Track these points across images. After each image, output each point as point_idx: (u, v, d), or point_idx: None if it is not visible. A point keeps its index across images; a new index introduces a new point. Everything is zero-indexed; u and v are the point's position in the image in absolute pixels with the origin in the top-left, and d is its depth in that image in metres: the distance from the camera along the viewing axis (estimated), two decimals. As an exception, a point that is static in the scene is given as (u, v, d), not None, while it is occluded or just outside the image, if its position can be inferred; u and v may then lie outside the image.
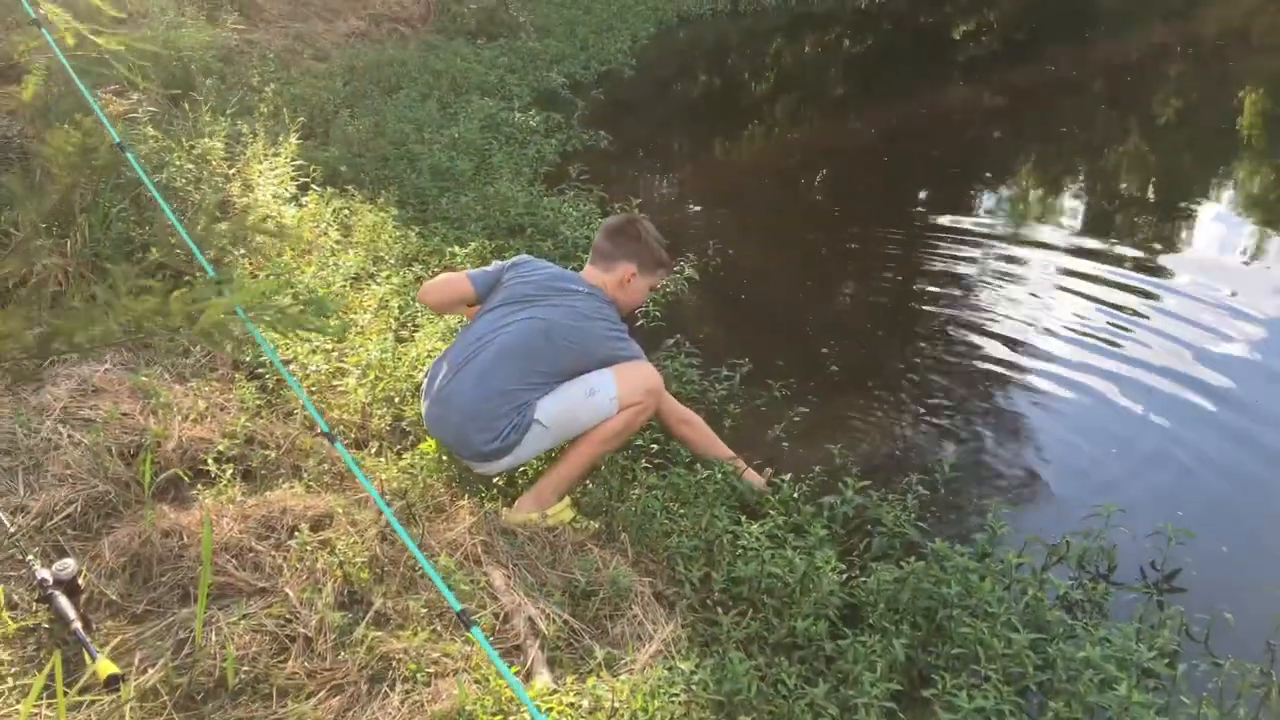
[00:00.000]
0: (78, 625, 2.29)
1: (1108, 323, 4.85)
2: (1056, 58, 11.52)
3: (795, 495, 3.19)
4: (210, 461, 2.95)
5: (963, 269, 5.56)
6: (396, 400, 3.51)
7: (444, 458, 3.23)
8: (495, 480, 3.28)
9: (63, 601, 2.33)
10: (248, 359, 3.66)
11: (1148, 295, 5.16)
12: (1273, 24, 13.12)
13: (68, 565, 2.40)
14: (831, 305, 5.15)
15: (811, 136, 8.95)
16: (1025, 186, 7.28)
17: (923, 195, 6.93)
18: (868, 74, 11.55)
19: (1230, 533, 3.33)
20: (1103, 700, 2.31)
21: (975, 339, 4.71)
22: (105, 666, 2.18)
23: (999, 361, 4.49)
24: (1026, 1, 15.23)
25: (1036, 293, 5.28)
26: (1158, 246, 5.90)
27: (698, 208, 6.62)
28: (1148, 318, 4.90)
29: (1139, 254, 5.76)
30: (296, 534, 2.63)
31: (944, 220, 6.33)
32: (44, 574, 2.37)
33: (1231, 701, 2.49)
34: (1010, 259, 5.76)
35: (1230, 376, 4.33)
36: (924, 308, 5.10)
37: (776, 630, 2.64)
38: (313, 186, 5.25)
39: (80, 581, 2.43)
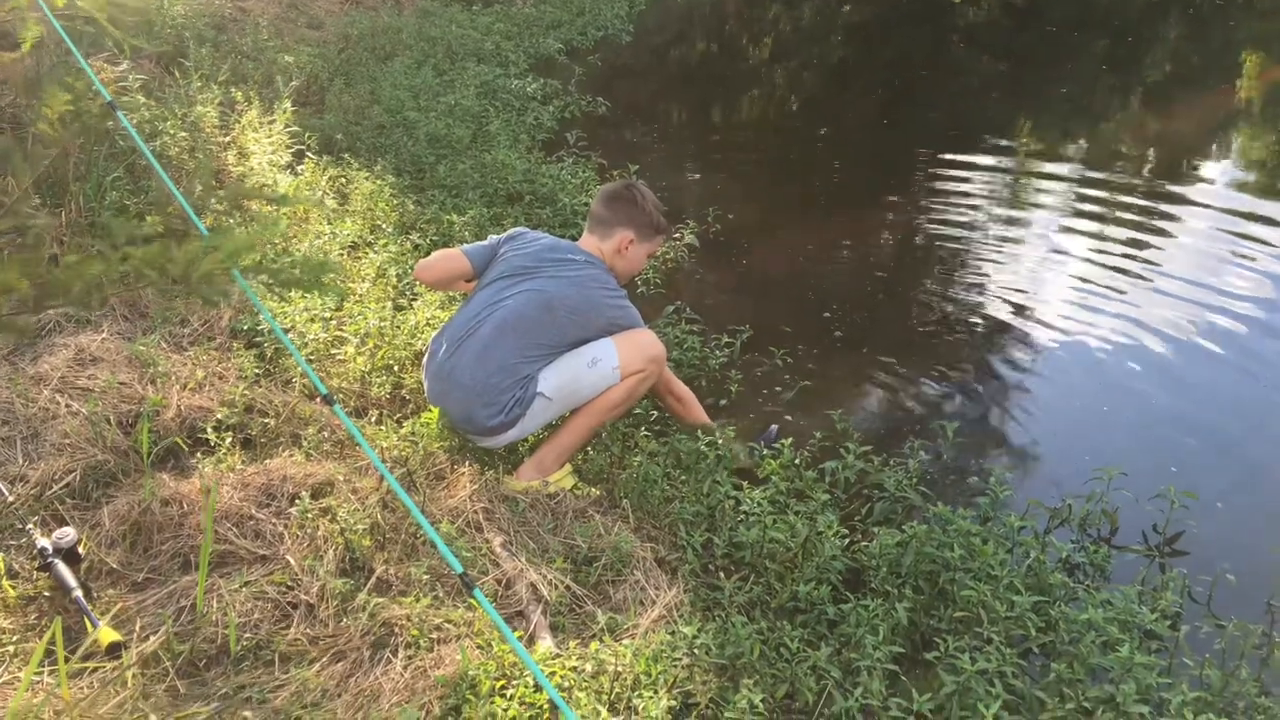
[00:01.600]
0: (78, 593, 2.28)
1: (1107, 284, 4.84)
2: (1056, 19, 11.43)
3: (797, 460, 3.18)
4: (209, 430, 2.93)
5: (963, 232, 5.54)
6: (396, 368, 3.49)
7: (444, 426, 3.21)
8: (496, 449, 3.27)
9: (63, 570, 2.33)
10: (245, 328, 3.64)
11: (1146, 257, 5.16)
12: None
13: (67, 534, 2.40)
14: (832, 270, 5.12)
15: (810, 101, 8.88)
16: (1024, 149, 7.24)
17: (922, 159, 6.88)
18: (867, 39, 11.46)
19: (1231, 493, 3.32)
20: (1105, 662, 2.31)
21: (976, 301, 4.70)
22: (106, 634, 2.18)
23: (1000, 324, 4.48)
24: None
25: (1036, 254, 5.28)
26: (1155, 208, 5.87)
27: (697, 174, 6.58)
28: (1147, 279, 4.91)
29: (1137, 215, 5.74)
30: (297, 501, 2.62)
31: (944, 183, 6.30)
32: (44, 542, 2.36)
33: (1234, 662, 2.49)
34: (1010, 221, 5.74)
35: (1230, 336, 4.34)
36: (925, 271, 5.09)
37: (779, 595, 2.64)
38: (308, 154, 5.20)
39: (80, 550, 2.43)
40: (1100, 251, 5.24)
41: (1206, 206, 5.88)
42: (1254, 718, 2.27)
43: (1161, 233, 5.49)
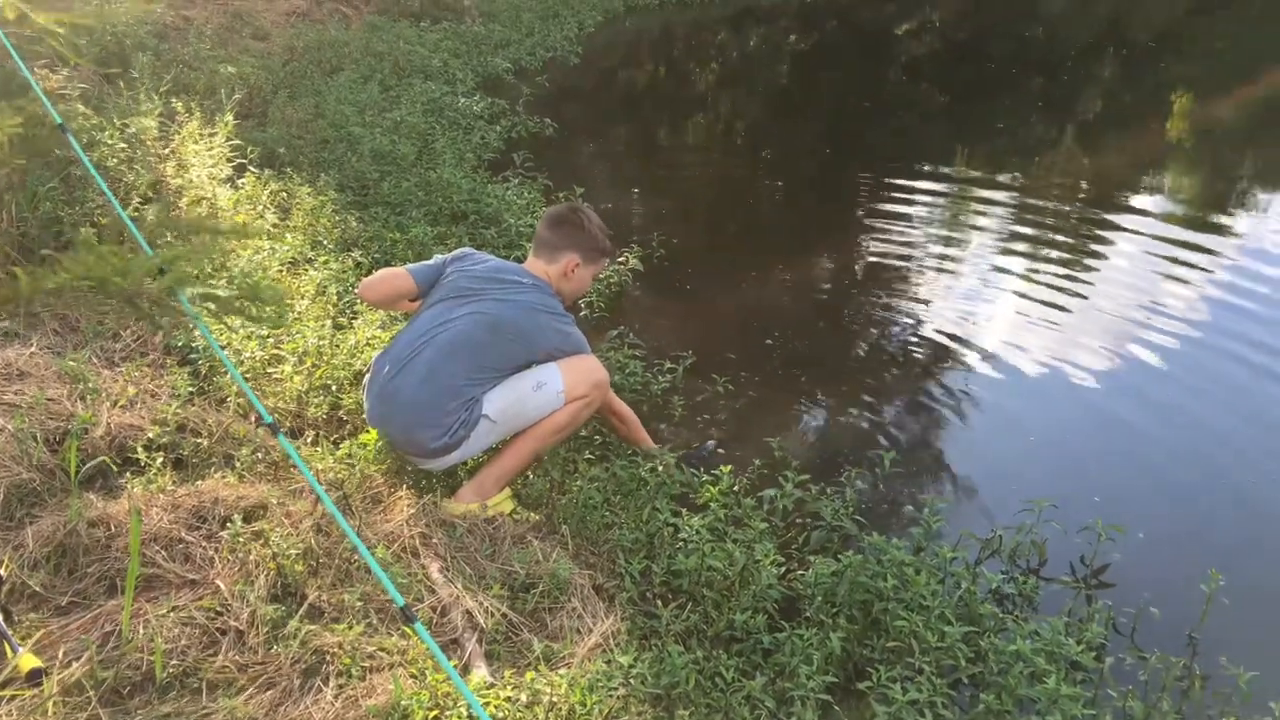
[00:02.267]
0: (-2, 618, 2.22)
1: (1040, 313, 4.97)
2: (995, 56, 11.71)
3: (736, 488, 3.20)
4: (140, 449, 2.87)
5: (902, 260, 5.64)
6: (334, 388, 3.45)
7: (383, 448, 3.18)
8: (434, 471, 3.24)
9: (-18, 593, 2.26)
10: (180, 344, 3.58)
11: (1077, 288, 5.29)
12: (1205, 28, 13.45)
13: (-12, 556, 2.33)
14: (774, 296, 5.17)
15: (755, 128, 8.99)
16: (963, 179, 7.37)
17: (864, 187, 7.00)
18: (812, 67, 11.63)
19: (1152, 522, 3.40)
20: (1033, 693, 2.36)
21: (914, 329, 4.79)
22: (27, 660, 2.12)
23: (936, 352, 4.56)
24: (968, 1, 15.45)
25: (973, 282, 5.39)
26: (1087, 240, 6.04)
27: (642, 197, 6.61)
28: (1078, 308, 5.04)
29: (1070, 246, 5.91)
30: (229, 525, 2.58)
31: (884, 212, 6.41)
32: (-37, 565, 2.29)
33: (1156, 694, 2.55)
34: (948, 250, 5.86)
35: (1155, 366, 4.47)
36: (864, 298, 5.17)
37: (715, 623, 2.65)
38: (250, 168, 5.14)
39: (1, 572, 2.36)
40: (1034, 281, 5.37)
41: (1136, 236, 6.05)
42: (1174, 750, 2.32)
43: (1093, 263, 5.65)
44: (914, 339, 4.70)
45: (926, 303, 5.10)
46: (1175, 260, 5.67)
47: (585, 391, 3.15)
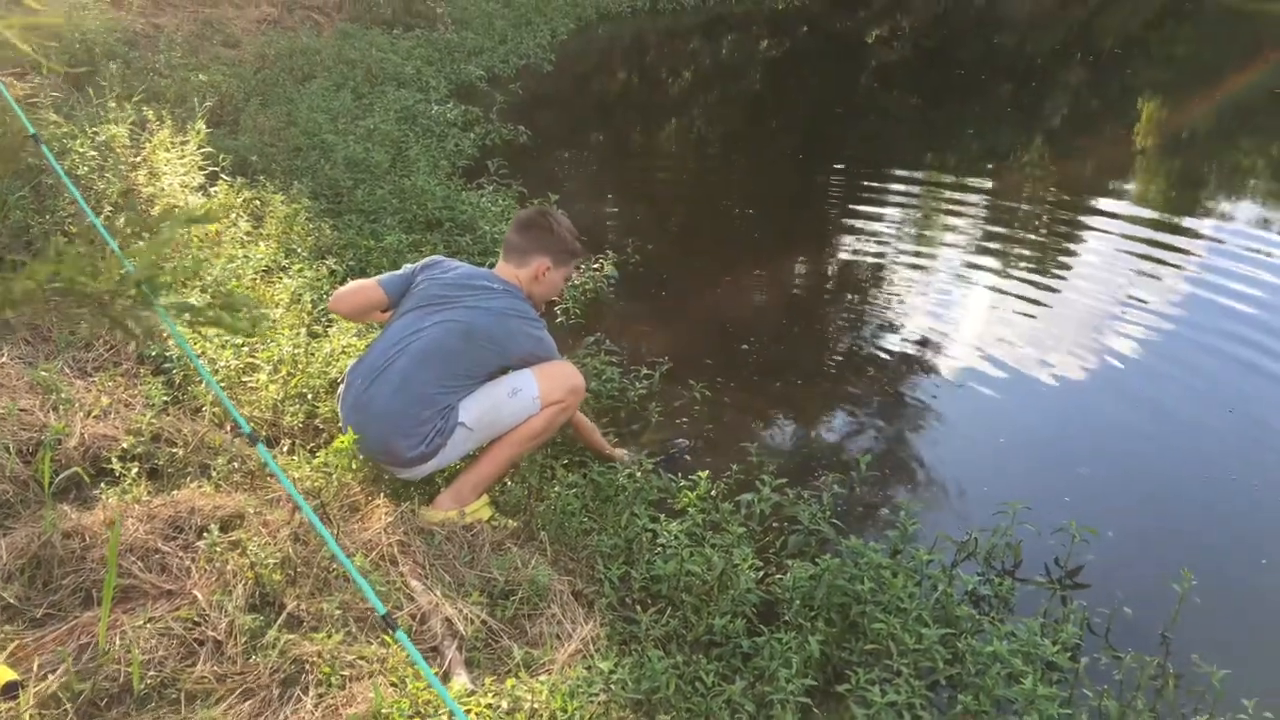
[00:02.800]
0: (-28, 631, 2.20)
1: (1010, 315, 5.04)
2: (965, 62, 11.82)
3: (713, 492, 3.21)
4: (114, 459, 2.85)
5: (874, 264, 5.69)
6: (310, 397, 3.43)
7: (358, 457, 3.17)
8: (412, 480, 3.23)
9: (-44, 606, 2.24)
10: (154, 353, 3.55)
11: (1047, 287, 5.39)
12: (1169, 34, 13.64)
13: (-39, 568, 2.30)
14: (750, 301, 5.20)
15: (728, 134, 9.02)
16: (934, 184, 7.44)
17: (836, 192, 7.05)
18: (784, 74, 11.70)
19: (1121, 521, 3.45)
20: (1010, 694, 2.39)
21: (887, 333, 4.83)
22: (2, 673, 2.10)
23: (909, 355, 4.60)
24: (938, 9, 15.60)
25: (944, 285, 5.45)
26: (1056, 243, 6.15)
27: (616, 204, 6.62)
28: (1048, 308, 5.13)
29: (1039, 249, 6.02)
30: (205, 534, 2.56)
31: (856, 217, 6.46)
32: (-65, 578, 2.27)
33: (1131, 693, 2.58)
34: (920, 254, 5.91)
35: (1128, 368, 4.53)
36: (838, 302, 5.22)
37: (695, 628, 2.66)
38: (222, 176, 5.11)
39: (-25, 585, 2.33)
40: (1005, 281, 5.48)
41: (1106, 236, 6.17)
42: (1148, 747, 2.35)
43: (1062, 263, 5.76)
44: (888, 342, 4.74)
45: (899, 305, 5.15)
46: (1145, 258, 5.79)
47: (561, 397, 3.15)
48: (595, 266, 4.99)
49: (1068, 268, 5.72)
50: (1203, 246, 6.09)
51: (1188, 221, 6.63)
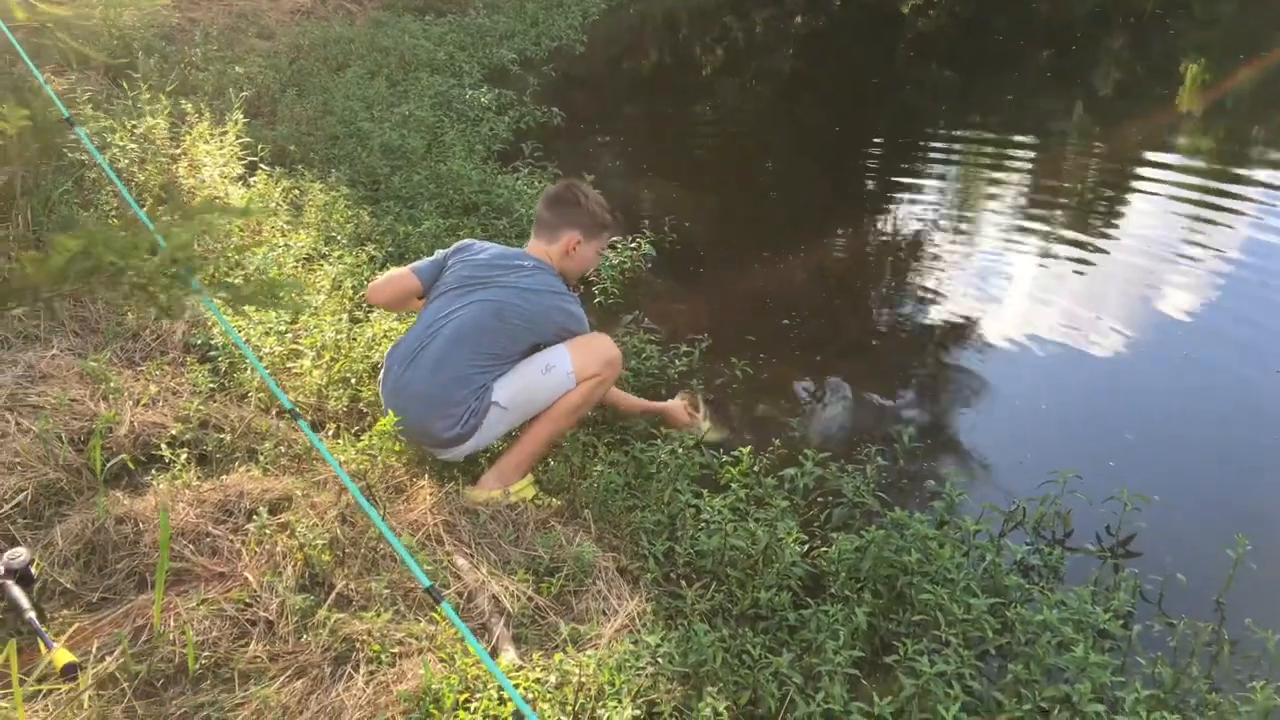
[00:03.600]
0: (32, 614, 2.24)
1: (1056, 281, 4.99)
2: (1002, 29, 11.63)
3: (756, 468, 3.20)
4: (164, 446, 2.89)
5: (914, 236, 5.64)
6: (353, 381, 3.46)
7: (402, 439, 3.19)
8: (455, 461, 3.25)
9: (15, 591, 2.29)
10: (199, 342, 3.60)
11: (1094, 255, 5.29)
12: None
13: (19, 554, 2.36)
14: (789, 276, 5.17)
15: (763, 110, 8.95)
16: (973, 155, 7.34)
17: (874, 165, 6.98)
18: (818, 48, 11.58)
19: (1182, 493, 3.40)
20: (1061, 662, 2.36)
21: (929, 305, 4.78)
22: (61, 655, 2.14)
23: (952, 326, 4.56)
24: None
25: (986, 256, 5.39)
26: (1099, 212, 6.06)
27: (653, 182, 6.60)
28: (1094, 278, 5.05)
29: (1082, 219, 5.91)
30: (255, 517, 2.60)
31: (896, 187, 6.40)
32: (-5, 563, 2.32)
33: (1185, 660, 2.55)
34: (960, 225, 5.84)
35: (1175, 333, 4.47)
36: (878, 275, 5.18)
37: (740, 602, 2.66)
38: (261, 166, 5.15)
39: (33, 570, 2.38)
40: (1048, 249, 5.40)
41: (1150, 200, 6.07)
42: (1205, 714, 2.32)
43: (1105, 232, 5.67)
44: (929, 312, 4.70)
45: (941, 275, 5.10)
46: (1191, 218, 5.72)
47: (597, 370, 3.15)
48: (633, 246, 4.98)
49: (1111, 232, 5.65)
50: (1251, 206, 5.96)
51: (1233, 185, 6.48)
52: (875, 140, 7.62)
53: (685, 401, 3.60)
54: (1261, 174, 6.72)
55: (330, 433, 3.21)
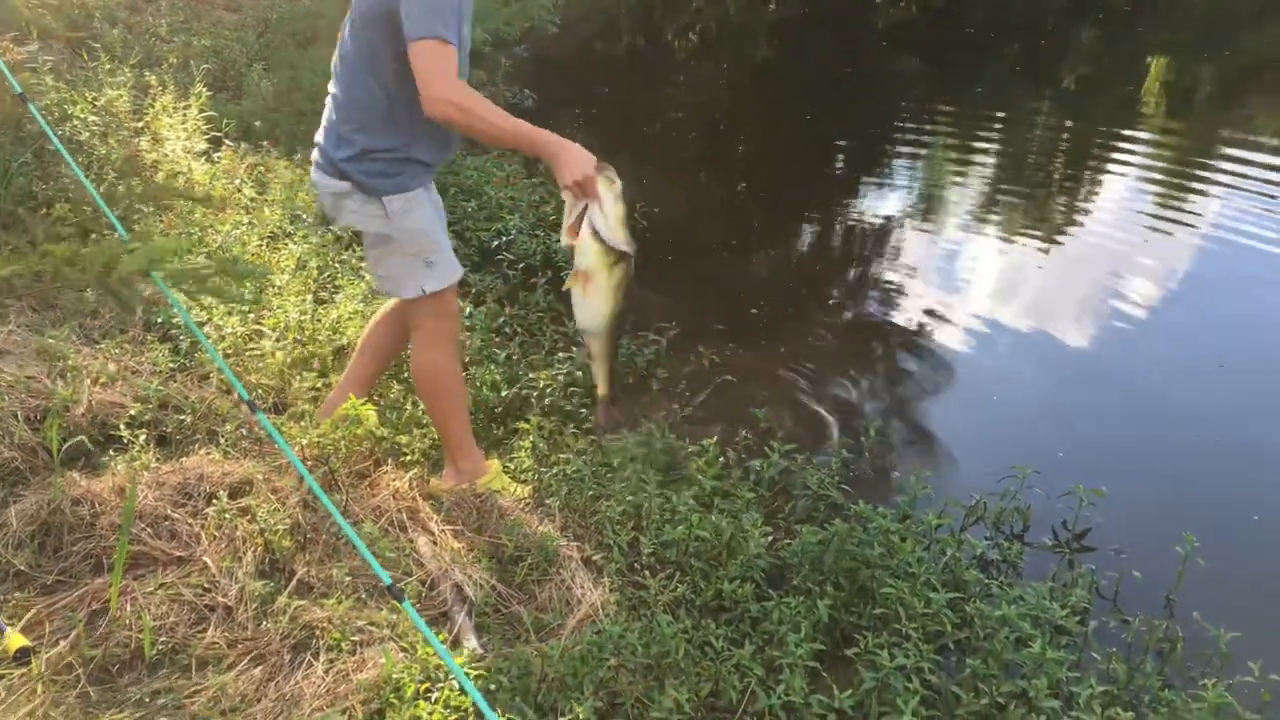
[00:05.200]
0: (-16, 598, 2.20)
1: (1018, 276, 5.06)
2: (974, 21, 11.69)
3: (722, 459, 3.20)
4: (122, 427, 2.84)
5: (881, 228, 5.66)
6: (316, 364, 3.42)
7: (364, 421, 3.14)
8: (420, 445, 3.18)
9: (-33, 574, 2.25)
10: (159, 320, 3.54)
11: (1055, 250, 5.38)
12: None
13: (-28, 536, 2.31)
14: (758, 266, 5.18)
15: (735, 97, 8.95)
16: (942, 146, 7.38)
17: (843, 156, 7.00)
18: (791, 35, 11.57)
19: (1137, 490, 3.44)
20: (1018, 657, 2.38)
21: (895, 298, 4.82)
22: (15, 639, 2.11)
23: (918, 320, 4.59)
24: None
25: (952, 248, 5.43)
26: (1060, 206, 6.14)
27: (623, 167, 6.54)
28: (1055, 277, 5.10)
29: (1044, 212, 5.99)
30: (215, 501, 2.57)
31: (863, 181, 6.44)
32: (-54, 545, 2.27)
33: (1139, 656, 2.59)
34: (927, 215, 5.88)
35: (1130, 330, 4.55)
36: (846, 266, 5.21)
37: (704, 593, 2.66)
38: (225, 142, 5.07)
39: (-15, 552, 2.34)
40: (1010, 244, 5.50)
41: (1110, 204, 6.12)
42: (1158, 711, 2.35)
43: (1066, 225, 5.77)
44: (896, 305, 4.73)
45: (907, 268, 5.13)
46: (1151, 220, 5.76)
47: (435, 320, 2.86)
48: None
49: (1072, 228, 5.75)
50: (1209, 204, 6.06)
51: (1193, 182, 6.57)
52: (845, 130, 7.64)
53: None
54: (1222, 175, 6.79)
55: (294, 415, 3.16)
